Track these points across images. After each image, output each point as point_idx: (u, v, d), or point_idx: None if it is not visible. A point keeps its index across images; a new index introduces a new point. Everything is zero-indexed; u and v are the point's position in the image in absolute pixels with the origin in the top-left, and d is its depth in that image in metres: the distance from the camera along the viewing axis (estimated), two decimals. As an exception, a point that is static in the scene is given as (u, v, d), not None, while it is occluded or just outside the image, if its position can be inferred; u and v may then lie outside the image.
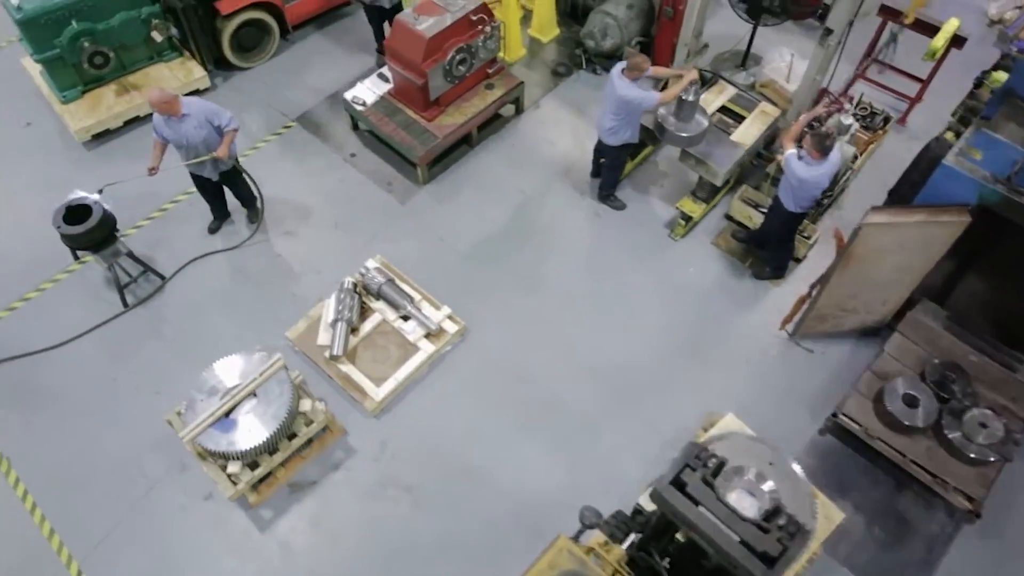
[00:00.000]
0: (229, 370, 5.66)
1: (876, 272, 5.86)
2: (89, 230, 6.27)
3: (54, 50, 7.59)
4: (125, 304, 6.81)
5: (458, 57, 7.22)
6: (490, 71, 7.82)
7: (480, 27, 7.26)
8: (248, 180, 6.91)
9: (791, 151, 5.98)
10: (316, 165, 7.86)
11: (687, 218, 7.23)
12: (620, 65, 6.60)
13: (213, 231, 7.34)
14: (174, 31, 8.31)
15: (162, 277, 6.98)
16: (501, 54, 7.96)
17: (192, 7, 7.93)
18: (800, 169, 5.87)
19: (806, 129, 6.22)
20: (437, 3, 7.14)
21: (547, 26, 8.87)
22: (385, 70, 7.95)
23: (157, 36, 8.02)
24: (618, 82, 6.49)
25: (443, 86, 7.36)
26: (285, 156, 7.90)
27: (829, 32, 6.46)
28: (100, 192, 6.37)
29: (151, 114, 7.30)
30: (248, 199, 7.20)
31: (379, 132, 7.67)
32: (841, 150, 6.30)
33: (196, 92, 8.28)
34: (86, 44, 7.60)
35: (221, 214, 7.31)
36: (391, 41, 7.23)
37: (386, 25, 8.33)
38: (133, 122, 8.15)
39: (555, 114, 8.35)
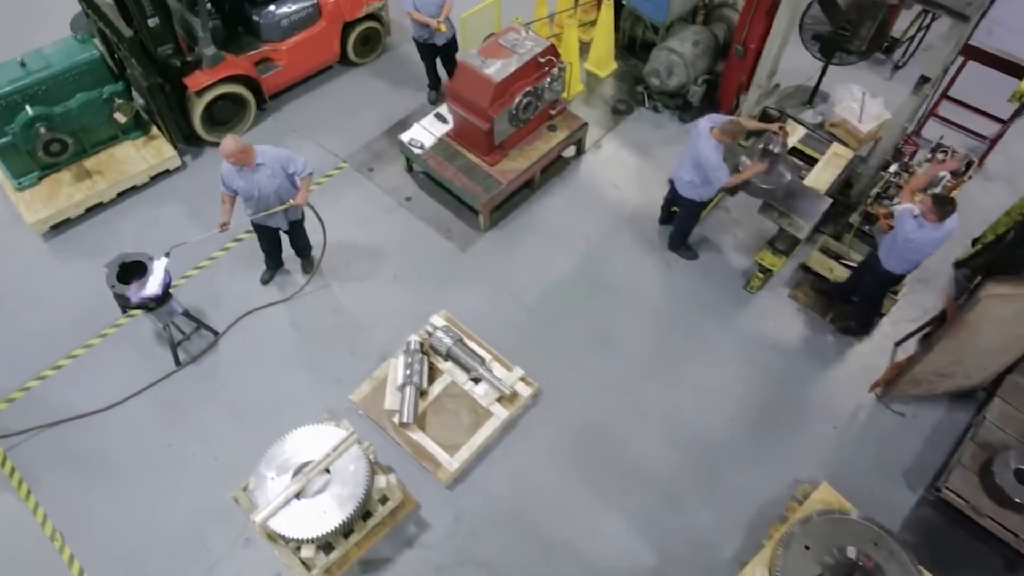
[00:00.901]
0: (298, 443, 5.32)
1: (985, 340, 5.53)
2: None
3: (5, 137, 6.90)
4: (178, 362, 6.47)
5: (525, 101, 6.89)
6: (553, 111, 7.49)
7: (547, 69, 6.94)
8: (318, 222, 6.54)
9: (906, 206, 5.60)
10: (371, 210, 7.52)
11: (765, 271, 6.89)
12: (710, 121, 6.24)
13: (266, 282, 7.00)
14: (139, 108, 7.63)
15: (215, 332, 6.64)
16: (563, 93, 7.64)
17: (158, 85, 7.23)
18: (912, 229, 5.51)
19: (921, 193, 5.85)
20: (503, 44, 6.81)
21: (605, 60, 8.54)
22: (442, 110, 7.63)
23: (120, 117, 7.28)
24: (704, 140, 6.13)
25: (507, 130, 7.03)
26: (338, 199, 7.55)
27: (925, 80, 6.13)
28: (167, 255, 6.04)
29: (115, 200, 7.14)
30: (304, 248, 6.87)
31: (439, 177, 7.34)
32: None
33: (167, 173, 7.75)
34: (42, 130, 6.92)
35: (275, 264, 6.97)
36: (455, 84, 6.89)
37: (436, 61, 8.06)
38: (96, 209, 7.47)
39: (618, 155, 8.02)
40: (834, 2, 7.02)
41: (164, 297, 6.14)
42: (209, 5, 7.34)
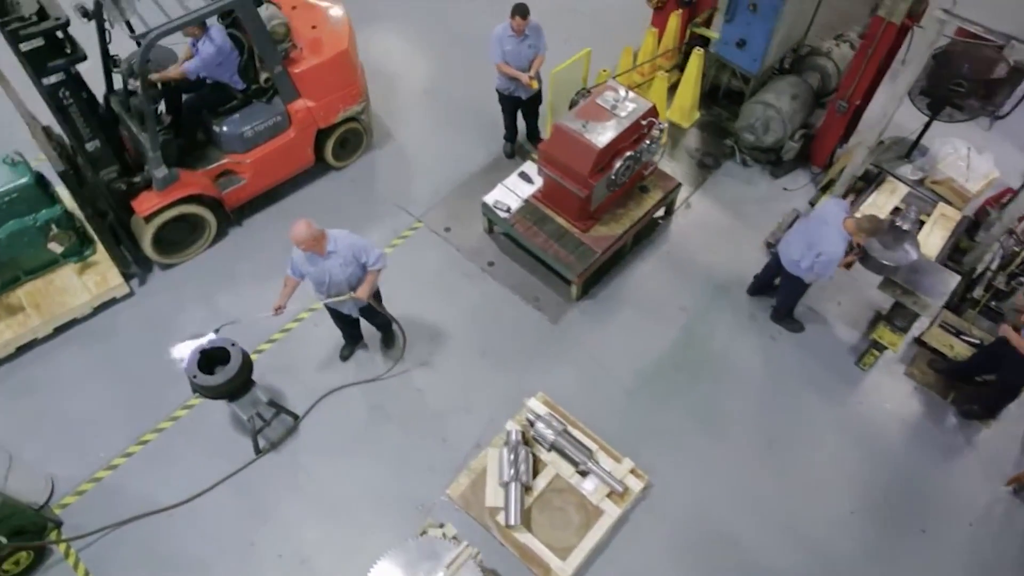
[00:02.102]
0: (407, 555, 4.87)
1: None
2: (229, 380, 5.50)
3: None
4: (257, 450, 6.02)
5: (624, 165, 6.44)
6: (645, 171, 7.05)
7: (648, 130, 6.49)
8: (392, 321, 6.10)
9: None
10: (451, 275, 7.07)
11: (880, 347, 6.45)
12: (840, 208, 5.83)
13: (345, 358, 6.55)
14: (84, 224, 6.78)
15: (295, 416, 6.18)
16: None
17: (99, 213, 6.48)
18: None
19: None
20: (602, 105, 6.36)
21: (689, 111, 8.10)
22: (527, 169, 7.19)
23: (56, 247, 6.40)
24: (833, 231, 5.69)
25: (603, 195, 6.59)
26: (416, 263, 7.09)
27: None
28: (216, 332, 5.60)
29: (52, 336, 6.49)
30: (383, 325, 6.41)
31: (527, 244, 6.89)
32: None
33: (113, 301, 6.77)
34: None
35: (354, 340, 6.52)
36: (550, 147, 6.44)
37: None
38: (29, 348, 6.48)
39: (708, 214, 7.57)
40: (952, 60, 6.60)
41: (247, 385, 5.71)
42: (163, 114, 6.75)
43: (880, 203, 7.11)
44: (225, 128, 6.78)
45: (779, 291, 6.62)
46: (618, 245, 6.86)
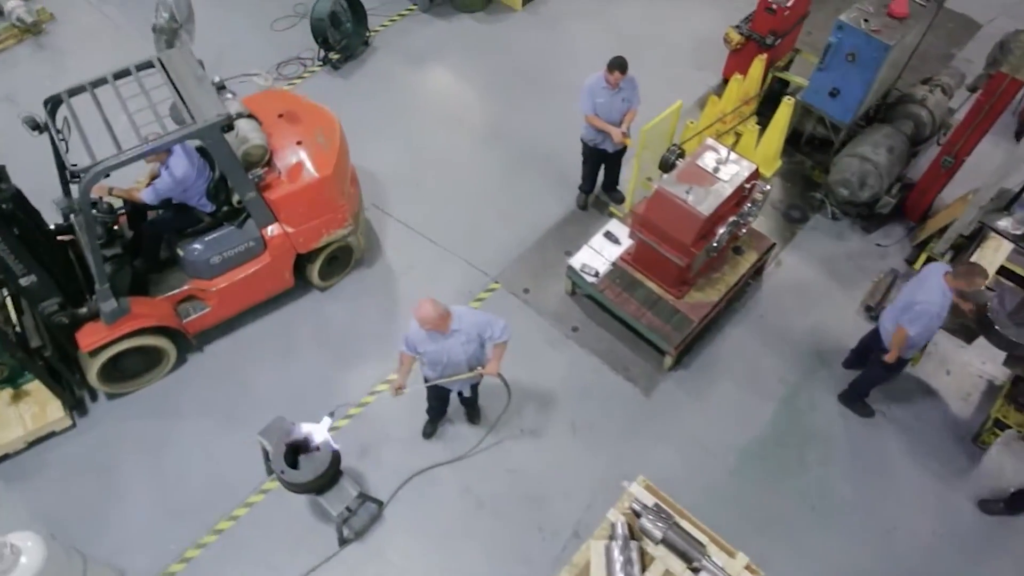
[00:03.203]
0: None
1: None
2: (319, 475, 5.12)
3: None
4: (342, 541, 5.62)
5: (727, 232, 6.05)
6: (739, 232, 6.65)
7: (751, 194, 6.10)
8: (504, 386, 5.67)
9: None
10: (534, 342, 6.66)
11: (1002, 426, 6.05)
12: (942, 267, 5.42)
13: (429, 435, 6.15)
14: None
15: (379, 503, 5.78)
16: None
17: (35, 350, 5.74)
18: None
19: None
20: (704, 168, 5.96)
21: (772, 159, 7.70)
22: (612, 228, 6.81)
23: None
24: (932, 284, 5.30)
25: (701, 261, 6.20)
26: (496, 330, 6.70)
27: None
28: (331, 415, 5.22)
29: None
30: (475, 400, 6.03)
31: (618, 311, 6.49)
32: None
33: (53, 434, 6.00)
34: None
35: (440, 415, 6.12)
36: (650, 212, 6.05)
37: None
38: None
39: (800, 273, 7.17)
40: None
41: (336, 477, 5.33)
42: (122, 228, 6.01)
43: (986, 260, 6.71)
44: (189, 253, 5.99)
45: (867, 368, 6.19)
46: (714, 312, 6.46)
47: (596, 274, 6.55)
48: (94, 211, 5.74)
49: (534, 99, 8.45)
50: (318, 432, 5.22)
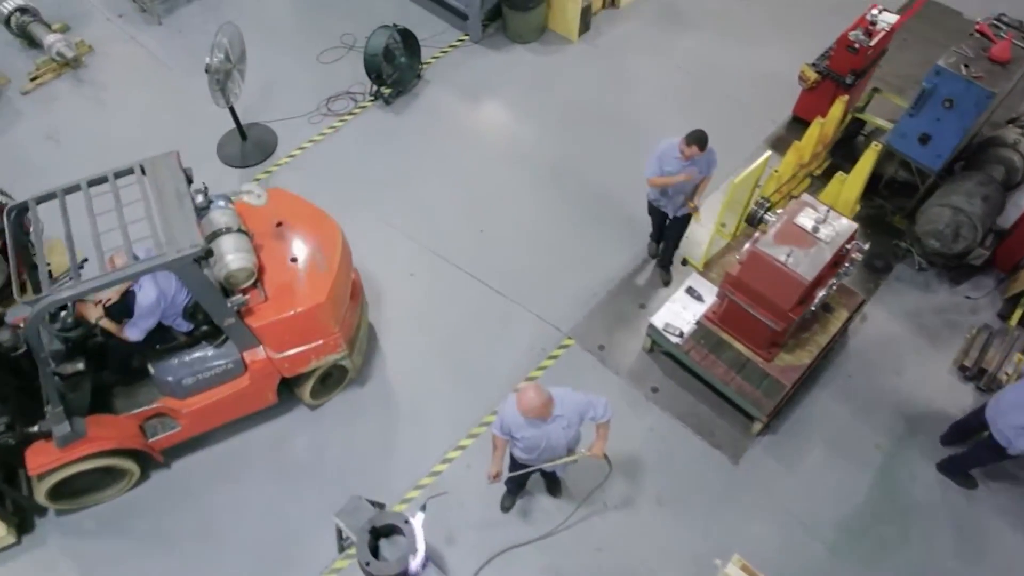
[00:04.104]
0: None
1: None
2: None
3: None
4: (423, 628, 5.28)
5: (826, 294, 5.71)
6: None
7: (850, 254, 5.76)
8: (607, 464, 5.32)
9: None
10: (614, 405, 6.19)
11: (1118, 502, 5.72)
12: None
13: (507, 509, 5.81)
14: None
15: (461, 584, 5.46)
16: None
17: None
18: None
19: None
20: (802, 227, 5.60)
21: (851, 204, 7.34)
22: (695, 283, 6.47)
23: None
24: None
25: (795, 324, 5.85)
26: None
27: None
28: (423, 509, 4.88)
29: None
30: (554, 477, 5.69)
31: (704, 375, 6.16)
32: None
33: None
34: None
35: (520, 488, 5.78)
36: (744, 274, 5.70)
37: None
38: None
39: (887, 328, 6.82)
40: None
41: (423, 563, 4.99)
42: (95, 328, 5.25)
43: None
44: (161, 371, 5.41)
45: (974, 448, 5.82)
46: (805, 375, 6.13)
47: (680, 334, 6.21)
48: (69, 332, 5.18)
49: (595, 136, 8.11)
50: (413, 530, 4.86)
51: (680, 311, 6.35)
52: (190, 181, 5.27)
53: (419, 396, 6.36)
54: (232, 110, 7.46)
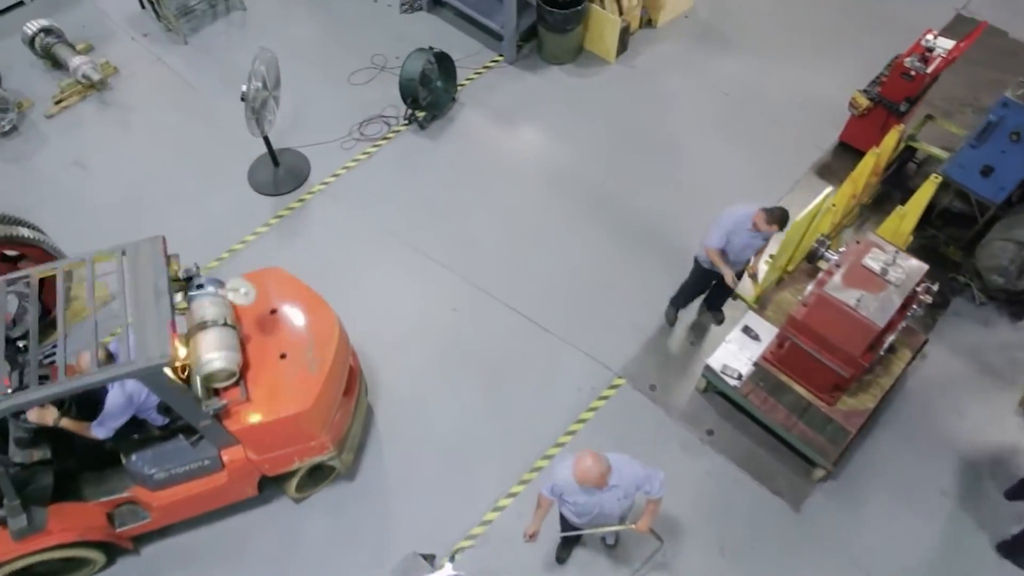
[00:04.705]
0: None
1: None
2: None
3: None
4: None
5: (894, 338, 5.49)
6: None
7: (919, 296, 5.54)
8: (656, 539, 5.11)
9: None
10: (666, 447, 6.11)
11: None
12: None
13: (563, 561, 5.59)
14: None
15: (517, 643, 5.25)
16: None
17: None
18: None
19: None
20: (871, 269, 5.37)
21: (904, 236, 7.11)
22: (751, 323, 6.25)
23: None
24: None
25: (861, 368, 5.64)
26: (626, 433, 6.13)
27: None
28: (452, 559, 4.68)
29: None
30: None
31: (764, 419, 5.94)
32: None
33: None
34: None
35: (575, 540, 5.56)
36: (808, 318, 5.48)
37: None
38: None
39: (948, 367, 6.59)
40: None
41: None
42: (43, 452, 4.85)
43: None
44: (132, 463, 5.05)
45: None
46: (869, 419, 5.91)
47: (739, 376, 5.99)
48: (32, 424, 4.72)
49: (636, 161, 7.89)
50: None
51: (737, 352, 6.13)
52: (176, 277, 4.91)
53: (466, 440, 6.14)
54: (266, 138, 7.24)
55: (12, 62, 8.67)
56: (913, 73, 6.91)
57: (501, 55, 8.80)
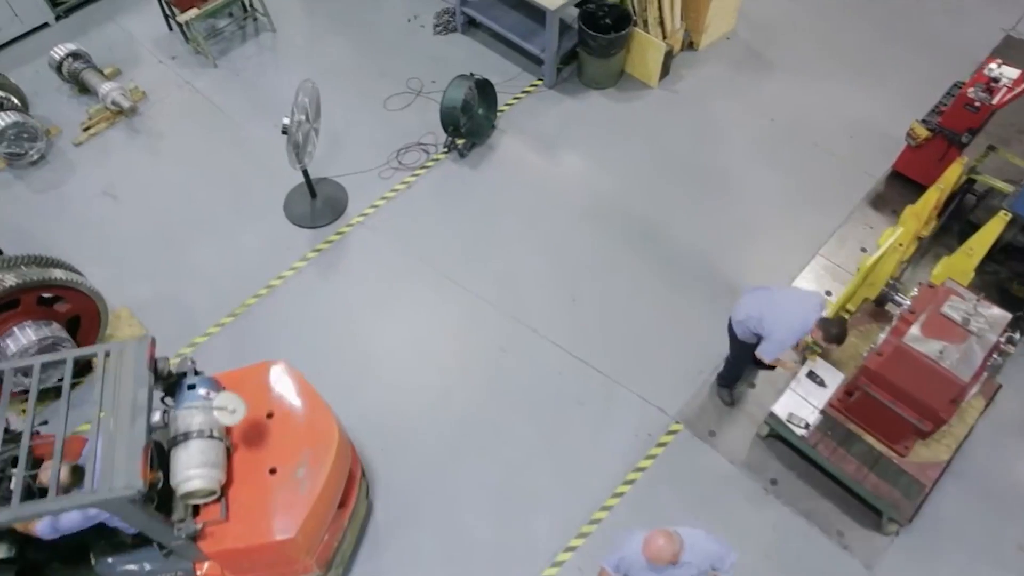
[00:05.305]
0: None
1: None
2: None
3: None
4: None
5: (977, 390, 5.25)
6: (963, 374, 5.84)
7: (1002, 345, 5.30)
8: None
9: None
10: (729, 498, 5.86)
11: None
12: None
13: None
14: None
15: None
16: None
17: None
18: None
19: None
20: (952, 318, 5.13)
21: (967, 273, 6.86)
22: (818, 369, 5.99)
23: None
24: None
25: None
26: (684, 482, 5.91)
27: None
28: None
29: None
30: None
31: (834, 471, 5.69)
32: None
33: None
34: None
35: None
36: (884, 369, 5.23)
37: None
38: None
39: (1016, 412, 6.34)
40: None
41: None
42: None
43: None
44: (102, 567, 4.74)
45: None
46: (944, 471, 5.66)
47: (806, 425, 5.75)
48: None
49: (682, 192, 7.65)
50: None
51: (802, 398, 5.88)
52: (159, 377, 4.51)
53: (521, 491, 5.90)
54: (304, 170, 7.01)
55: (38, 87, 8.46)
56: (978, 104, 6.66)
57: (540, 79, 8.57)
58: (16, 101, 7.79)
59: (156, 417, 4.22)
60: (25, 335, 5.71)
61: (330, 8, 9.42)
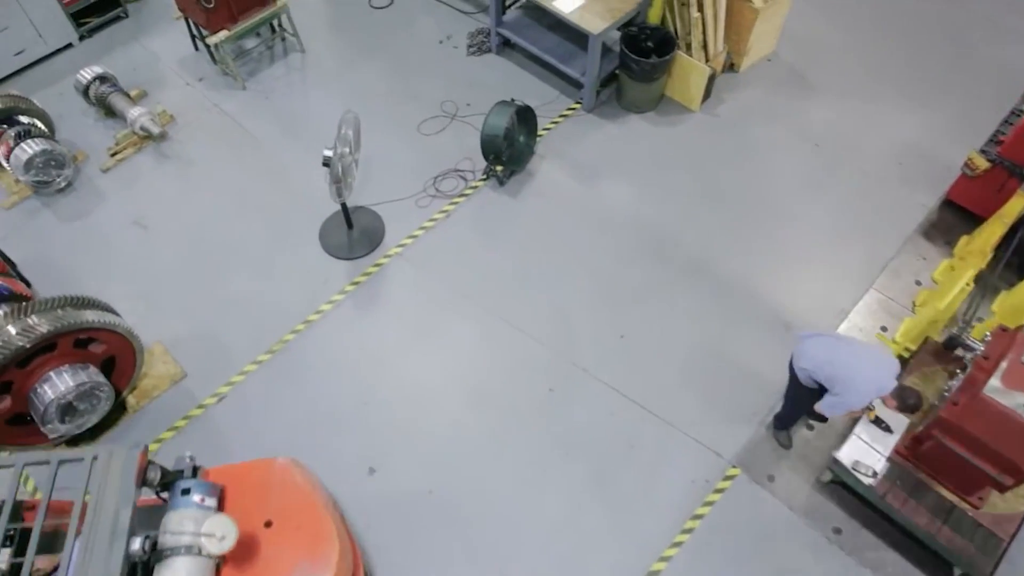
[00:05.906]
0: None
1: None
2: None
3: None
4: None
5: (1058, 443, 5.03)
6: (1035, 420, 5.62)
7: (1082, 395, 5.08)
8: None
9: None
10: (788, 547, 5.64)
11: None
12: None
13: None
14: None
15: None
16: None
17: None
18: None
19: None
20: (1034, 367, 4.94)
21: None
22: (883, 414, 5.76)
23: None
24: None
25: None
26: (740, 529, 5.68)
27: None
28: None
29: None
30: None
31: (905, 523, 5.47)
32: None
33: None
34: None
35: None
36: (963, 421, 5.01)
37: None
38: None
39: (1087, 456, 6.14)
40: None
41: None
42: None
43: None
44: None
45: None
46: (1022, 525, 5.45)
47: (873, 474, 5.53)
48: None
49: (728, 220, 7.42)
50: None
51: (867, 444, 5.67)
52: (148, 482, 4.12)
53: (573, 542, 5.67)
54: (343, 203, 6.80)
55: (63, 110, 8.25)
56: (1042, 135, 6.45)
57: (578, 102, 8.35)
58: (42, 127, 7.57)
59: (135, 546, 3.85)
60: (63, 380, 5.49)
61: (360, 27, 9.22)
